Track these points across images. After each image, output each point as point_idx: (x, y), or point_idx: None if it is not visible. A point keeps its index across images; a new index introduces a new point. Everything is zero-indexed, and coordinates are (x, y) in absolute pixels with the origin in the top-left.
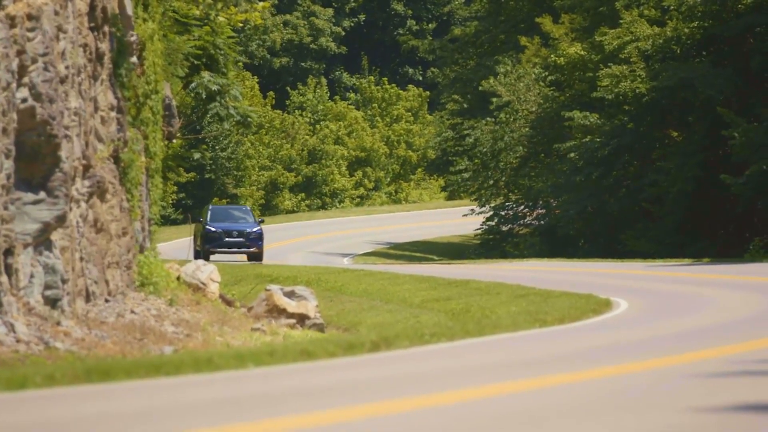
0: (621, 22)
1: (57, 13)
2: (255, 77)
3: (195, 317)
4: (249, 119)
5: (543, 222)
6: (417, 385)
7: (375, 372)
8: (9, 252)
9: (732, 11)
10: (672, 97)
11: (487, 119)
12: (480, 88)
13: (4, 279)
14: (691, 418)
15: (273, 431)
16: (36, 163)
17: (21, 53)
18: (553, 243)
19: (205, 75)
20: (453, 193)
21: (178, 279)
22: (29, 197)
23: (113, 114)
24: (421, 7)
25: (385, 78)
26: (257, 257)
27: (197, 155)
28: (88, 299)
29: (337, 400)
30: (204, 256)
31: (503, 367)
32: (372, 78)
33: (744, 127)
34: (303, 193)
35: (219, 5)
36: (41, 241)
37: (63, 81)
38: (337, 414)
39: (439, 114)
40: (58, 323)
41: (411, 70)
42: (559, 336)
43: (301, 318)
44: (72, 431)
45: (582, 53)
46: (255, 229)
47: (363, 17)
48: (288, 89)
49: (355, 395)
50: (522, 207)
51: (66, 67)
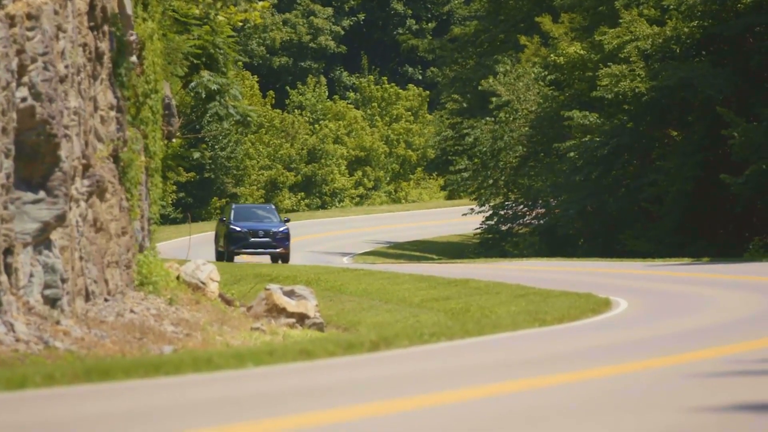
0: (620, 21)
1: (56, 13)
2: (255, 76)
3: (194, 317)
4: (248, 119)
5: (542, 221)
6: (416, 385)
7: (375, 371)
8: (8, 251)
9: (732, 11)
10: (671, 97)
11: (487, 119)
12: (479, 87)
13: (3, 278)
14: (691, 418)
15: (273, 431)
16: (35, 163)
17: (20, 52)
18: (553, 242)
19: (205, 74)
20: (452, 193)
21: (177, 278)
22: (29, 197)
23: (113, 113)
24: (421, 7)
25: (385, 77)
26: (284, 258)
27: (197, 154)
28: (87, 298)
29: (337, 399)
30: (228, 257)
31: (503, 367)
32: (371, 77)
33: (743, 127)
34: (302, 193)
35: (218, 5)
36: (41, 241)
37: (62, 80)
38: (337, 413)
39: (439, 113)
40: (57, 322)
41: (410, 69)
42: (559, 335)
43: (301, 317)
44: (72, 431)
45: (581, 53)
46: (282, 229)
47: (362, 16)
48: (287, 88)
49: (355, 395)
50: (521, 206)
51: (65, 67)
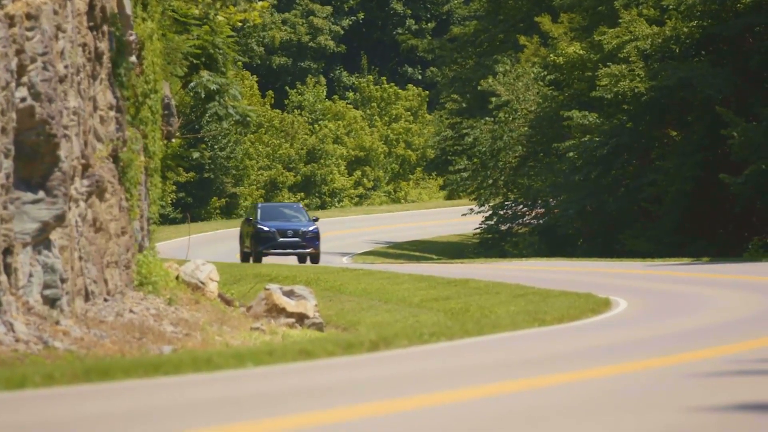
0: (620, 21)
1: (56, 13)
2: (254, 76)
3: (194, 316)
4: (248, 119)
5: (542, 221)
6: (416, 385)
7: (374, 371)
8: (8, 251)
9: (731, 11)
10: (671, 97)
11: (486, 118)
12: (479, 87)
13: (3, 278)
14: (691, 418)
15: (272, 431)
16: (35, 163)
17: (20, 53)
18: (552, 242)
19: (204, 74)
20: (452, 193)
21: (177, 278)
22: (28, 197)
23: (112, 113)
24: (420, 7)
25: (384, 77)
26: (314, 258)
27: (196, 154)
28: (87, 298)
29: (337, 399)
30: (255, 258)
31: (502, 367)
32: (371, 77)
33: (743, 127)
34: (302, 193)
35: (218, 5)
36: (40, 241)
37: (62, 80)
38: (337, 413)
39: (438, 113)
40: (57, 322)
41: (410, 69)
42: (558, 335)
43: (300, 317)
44: (71, 431)
45: (581, 52)
46: (311, 228)
47: (362, 16)
48: (287, 88)
49: (355, 395)
50: (521, 206)
51: (65, 67)
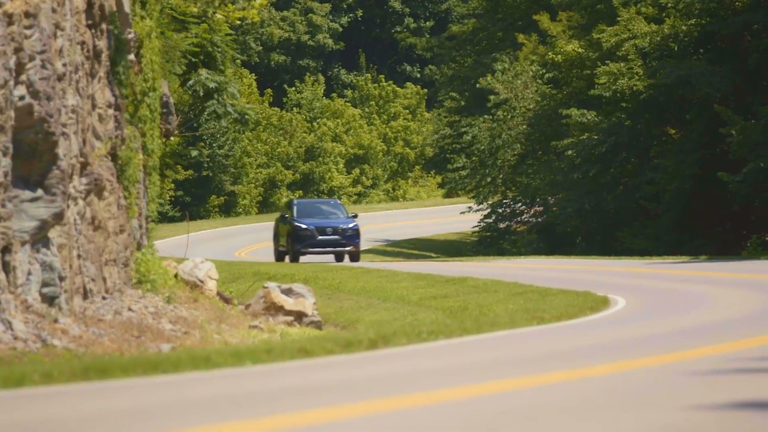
0: (618, 19)
1: (54, 11)
2: (252, 75)
3: (193, 315)
4: (246, 117)
5: (540, 219)
6: (415, 383)
7: (373, 370)
8: (6, 249)
9: (729, 9)
10: (669, 95)
11: (485, 117)
12: (477, 85)
13: (1, 277)
14: (690, 416)
15: (271, 429)
16: (33, 161)
17: (18, 51)
18: (551, 240)
19: (203, 72)
20: (450, 191)
21: (175, 276)
22: (27, 195)
23: (111, 111)
24: (419, 5)
25: (383, 75)
26: (354, 257)
27: (195, 153)
28: (85, 297)
29: (335, 397)
30: (292, 257)
31: (501, 365)
32: (369, 75)
33: (741, 125)
34: (300, 191)
35: (216, 2)
36: (39, 239)
37: (60, 78)
38: (335, 412)
39: (437, 111)
40: (55, 321)
41: (408, 67)
42: (557, 333)
43: (299, 315)
44: (69, 429)
45: (579, 51)
46: (351, 225)
47: (360, 13)
48: (285, 87)
49: (353, 393)
50: (519, 204)
51: (63, 65)
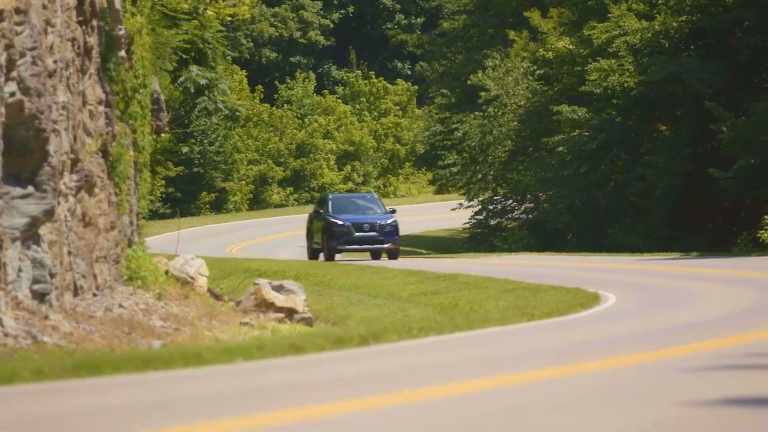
0: (609, 16)
1: (45, 7)
2: (243, 71)
3: (183, 311)
4: (237, 113)
5: (531, 216)
6: (406, 380)
7: (364, 366)
8: None
9: (720, 5)
10: (660, 91)
11: (476, 113)
12: (468, 82)
13: None
14: (683, 412)
15: (262, 426)
16: (24, 158)
17: (9, 47)
18: (542, 237)
19: (194, 69)
20: (441, 188)
21: (166, 273)
22: (17, 191)
23: (101, 108)
24: (410, 1)
25: (373, 72)
26: (393, 254)
27: (185, 149)
28: (76, 293)
29: (326, 394)
30: (328, 255)
31: (492, 362)
32: (360, 72)
33: (732, 122)
34: (291, 187)
35: None
36: (29, 236)
37: (51, 75)
38: (326, 408)
39: (428, 108)
40: (46, 317)
41: (399, 64)
42: (548, 330)
43: (290, 312)
44: (61, 426)
45: (570, 47)
46: (390, 221)
47: (351, 10)
48: (276, 83)
49: (344, 389)
50: (510, 201)
51: (54, 61)
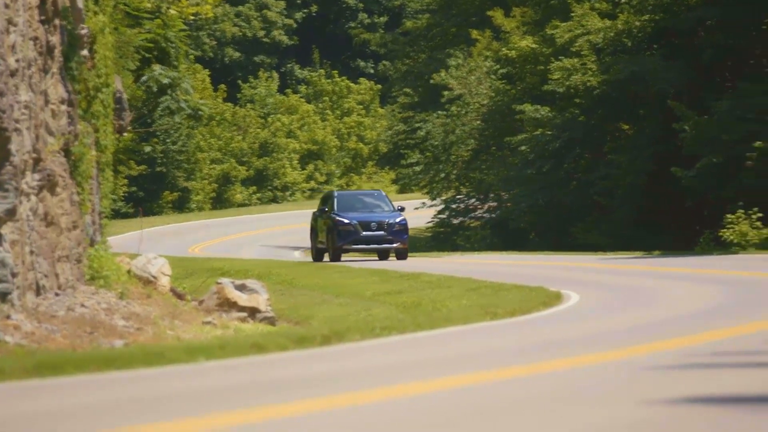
0: (572, 15)
1: (7, 6)
2: (206, 70)
3: (146, 311)
4: (200, 112)
5: (494, 215)
6: (368, 379)
7: (326, 366)
8: None
9: (683, 4)
10: (623, 91)
11: (439, 112)
12: (431, 81)
13: None
14: (647, 411)
15: (224, 425)
16: None
17: None
18: (505, 236)
19: (156, 68)
20: (404, 187)
21: (128, 272)
22: None
23: (64, 107)
24: (373, 0)
25: (336, 71)
26: (402, 254)
27: (148, 148)
28: (38, 293)
29: (288, 394)
30: (333, 255)
31: (455, 361)
32: (323, 71)
33: (695, 121)
34: (254, 187)
35: None
36: None
37: (13, 74)
38: (289, 408)
39: (391, 107)
40: (7, 317)
41: (362, 63)
42: (511, 329)
43: (252, 311)
44: (23, 425)
45: (533, 46)
46: (398, 220)
47: (315, 9)
48: (239, 83)
49: (307, 389)
50: (473, 200)
51: (16, 61)
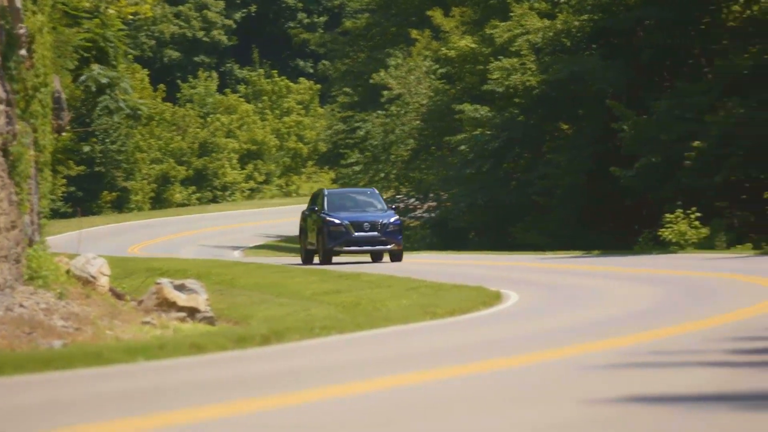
0: (511, 15)
1: None
2: (145, 70)
3: (85, 311)
4: (139, 112)
5: (434, 215)
6: (307, 379)
7: (265, 365)
8: None
9: (622, 4)
10: (562, 90)
11: (378, 112)
12: (371, 81)
13: None
14: (587, 410)
15: (163, 425)
16: None
17: None
18: (444, 235)
19: (95, 68)
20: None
21: (67, 272)
22: None
23: (2, 107)
24: (312, 0)
25: (276, 71)
26: (397, 256)
27: (87, 148)
28: None
29: (227, 393)
30: (324, 257)
31: (394, 360)
32: (262, 71)
33: (634, 120)
34: (194, 186)
35: None
36: None
37: None
38: (227, 408)
39: (330, 107)
40: None
41: (302, 62)
42: (450, 328)
43: (192, 311)
44: None
45: (472, 46)
46: (392, 220)
47: (254, 9)
48: (179, 82)
49: (246, 389)
50: (413, 200)
51: None
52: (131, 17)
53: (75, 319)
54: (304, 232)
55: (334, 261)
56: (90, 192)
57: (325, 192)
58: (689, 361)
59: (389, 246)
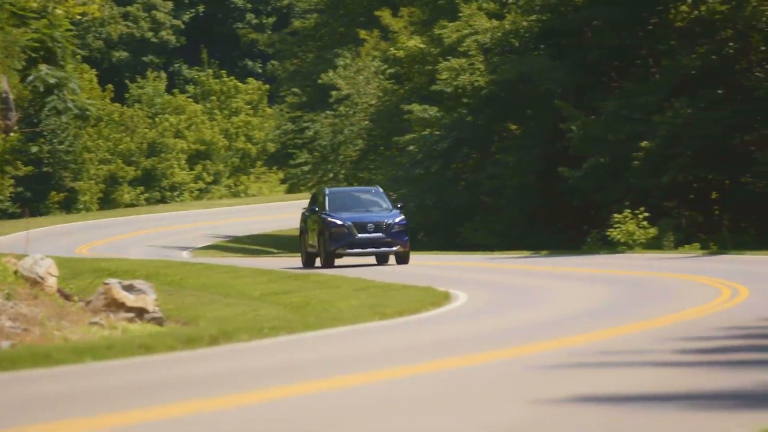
0: (460, 15)
1: None
2: (94, 70)
3: (33, 311)
4: (87, 112)
5: None
6: (256, 380)
7: (214, 366)
8: None
9: (570, 5)
10: (511, 91)
11: (327, 112)
12: (319, 81)
13: None
14: (535, 410)
15: (111, 425)
16: None
17: None
18: None
19: (43, 68)
20: (293, 187)
21: (15, 273)
22: None
23: None
24: (260, 0)
25: (224, 71)
26: (403, 258)
27: (35, 149)
28: None
29: (175, 394)
30: (326, 260)
31: (344, 360)
32: (211, 71)
33: (582, 121)
34: (142, 187)
35: None
36: None
37: None
38: (175, 408)
39: (279, 107)
40: None
41: (250, 63)
42: (399, 329)
43: (140, 312)
44: None
45: (421, 46)
46: (398, 220)
47: (202, 9)
48: (127, 83)
49: (193, 389)
50: None
51: None
52: (79, 17)
53: (23, 320)
54: (304, 234)
55: (336, 264)
56: (38, 192)
57: (327, 191)
58: (637, 361)
59: (395, 248)
